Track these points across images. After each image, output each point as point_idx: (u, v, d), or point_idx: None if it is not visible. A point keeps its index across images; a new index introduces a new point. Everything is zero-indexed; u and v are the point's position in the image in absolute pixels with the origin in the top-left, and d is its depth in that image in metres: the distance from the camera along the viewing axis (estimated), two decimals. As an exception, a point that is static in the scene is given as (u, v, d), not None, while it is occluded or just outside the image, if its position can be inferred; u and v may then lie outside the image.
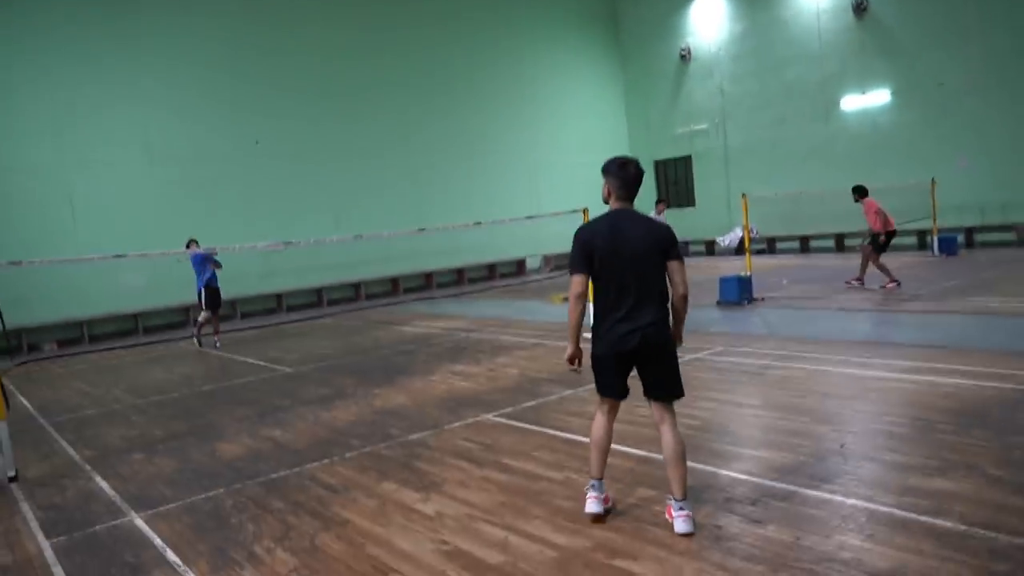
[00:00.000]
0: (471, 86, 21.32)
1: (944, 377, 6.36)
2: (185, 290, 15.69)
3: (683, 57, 23.38)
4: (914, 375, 6.55)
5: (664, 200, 18.05)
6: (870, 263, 12.30)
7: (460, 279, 20.63)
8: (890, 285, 11.91)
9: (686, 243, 22.66)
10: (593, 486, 4.07)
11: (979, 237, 17.73)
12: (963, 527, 3.59)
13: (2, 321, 12.84)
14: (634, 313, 3.87)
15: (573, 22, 24.08)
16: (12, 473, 5.84)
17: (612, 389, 4.04)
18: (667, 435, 3.92)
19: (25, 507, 5.23)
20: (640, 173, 4.02)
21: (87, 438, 7.14)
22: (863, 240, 13.09)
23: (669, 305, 3.99)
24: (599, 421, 4.12)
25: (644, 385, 3.99)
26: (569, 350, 4.04)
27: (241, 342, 13.10)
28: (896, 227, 12.44)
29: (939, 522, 3.67)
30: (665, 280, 3.94)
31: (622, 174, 3.97)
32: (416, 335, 12.01)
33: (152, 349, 13.44)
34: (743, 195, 12.52)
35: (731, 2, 22.08)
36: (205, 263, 12.18)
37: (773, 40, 21.20)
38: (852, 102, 19.70)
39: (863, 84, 19.40)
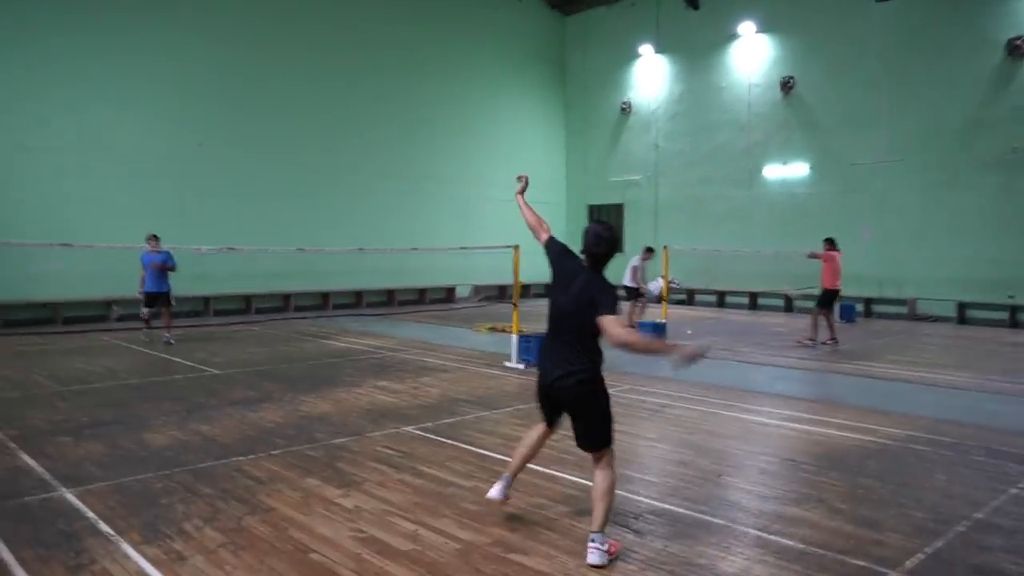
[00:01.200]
0: (417, 116, 21.85)
1: (817, 427, 7.19)
2: (109, 283, 15.61)
3: (623, 110, 24.62)
4: (792, 423, 7.37)
5: (651, 248, 15.97)
6: (821, 319, 13.24)
7: (391, 300, 20.99)
8: (829, 341, 12.96)
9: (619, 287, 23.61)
10: (503, 478, 4.58)
11: (877, 308, 19.20)
12: (802, 546, 4.29)
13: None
14: (555, 357, 4.18)
15: (521, 62, 25.05)
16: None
17: (541, 413, 4.46)
18: (594, 474, 4.16)
19: (-48, 477, 5.42)
20: (599, 237, 4.16)
21: (10, 419, 7.26)
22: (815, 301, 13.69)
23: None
24: (533, 431, 4.58)
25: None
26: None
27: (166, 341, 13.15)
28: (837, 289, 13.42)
29: (784, 541, 4.36)
30: (596, 338, 4.06)
31: (585, 236, 4.22)
32: (343, 349, 12.36)
33: (71, 339, 13.33)
34: (664, 247, 13.42)
35: (672, 64, 23.46)
36: (160, 268, 12.44)
37: (707, 105, 22.62)
38: (773, 171, 21.17)
39: (784, 155, 20.90)
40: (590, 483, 4.31)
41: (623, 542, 4.28)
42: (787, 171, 20.91)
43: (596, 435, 4.17)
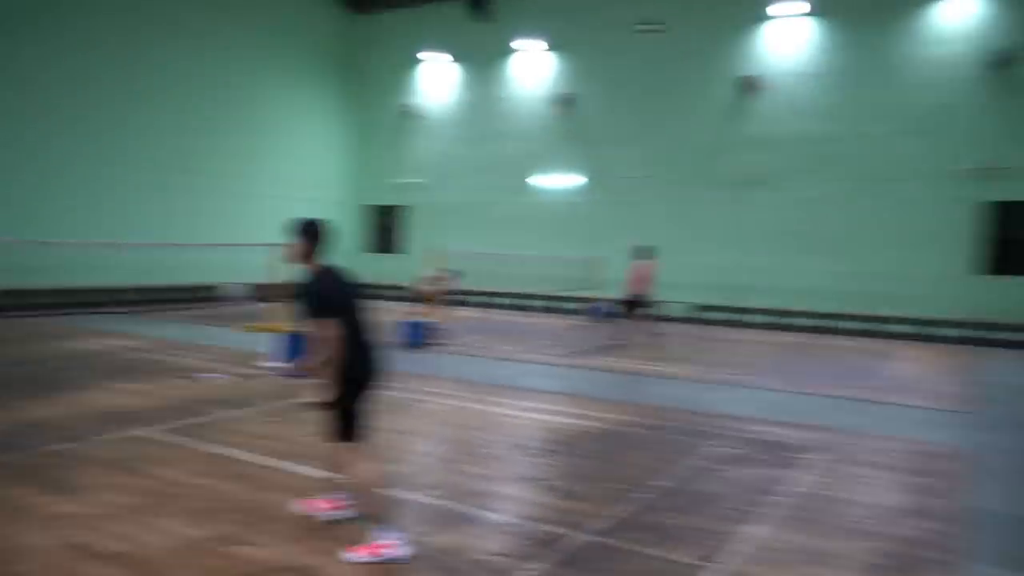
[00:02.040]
0: (193, 107, 20.65)
1: (551, 416, 7.93)
2: None
3: (409, 113, 24.94)
4: (530, 413, 8.06)
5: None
6: (632, 321, 14.07)
7: (147, 297, 19.52)
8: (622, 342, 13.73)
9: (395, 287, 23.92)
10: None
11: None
12: (516, 520, 4.80)
13: None
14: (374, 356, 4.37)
15: (308, 59, 24.50)
16: None
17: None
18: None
19: None
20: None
21: None
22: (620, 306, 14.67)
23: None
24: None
25: None
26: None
27: None
28: (639, 295, 14.18)
29: (497, 516, 4.85)
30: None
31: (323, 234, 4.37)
32: (87, 351, 11.42)
33: None
34: (433, 249, 13.87)
35: (458, 72, 24.20)
36: None
37: (490, 113, 23.64)
38: (550, 180, 22.60)
39: (560, 166, 22.40)
40: (329, 476, 4.51)
41: (344, 522, 4.52)
42: (562, 181, 22.41)
43: (339, 425, 4.39)
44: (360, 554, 4.10)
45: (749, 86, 19.30)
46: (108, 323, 15.25)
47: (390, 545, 4.12)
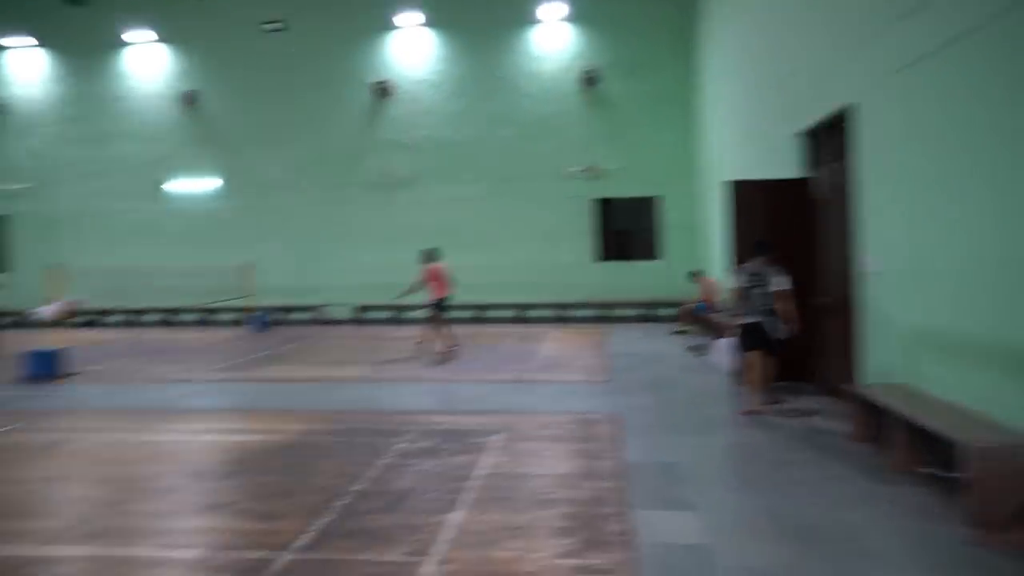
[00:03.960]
0: None
1: (225, 436, 7.42)
2: None
3: None
4: (199, 436, 7.47)
5: None
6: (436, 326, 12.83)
7: None
8: (445, 351, 12.69)
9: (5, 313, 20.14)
10: None
11: (295, 315, 20.54)
12: (208, 553, 4.41)
13: None
14: None
15: None
16: None
17: None
18: None
19: None
20: None
21: None
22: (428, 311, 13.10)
23: None
24: None
25: None
26: None
27: None
28: (442, 298, 12.91)
29: (186, 553, 4.42)
30: None
31: None
32: None
33: None
34: (52, 267, 12.01)
35: (55, 62, 21.07)
36: None
37: (103, 112, 21.01)
38: (184, 185, 20.84)
39: (194, 170, 20.77)
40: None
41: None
42: (198, 185, 20.82)
43: None
44: None
45: (382, 91, 19.98)
46: None
47: None
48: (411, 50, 20.08)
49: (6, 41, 21.00)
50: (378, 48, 20.14)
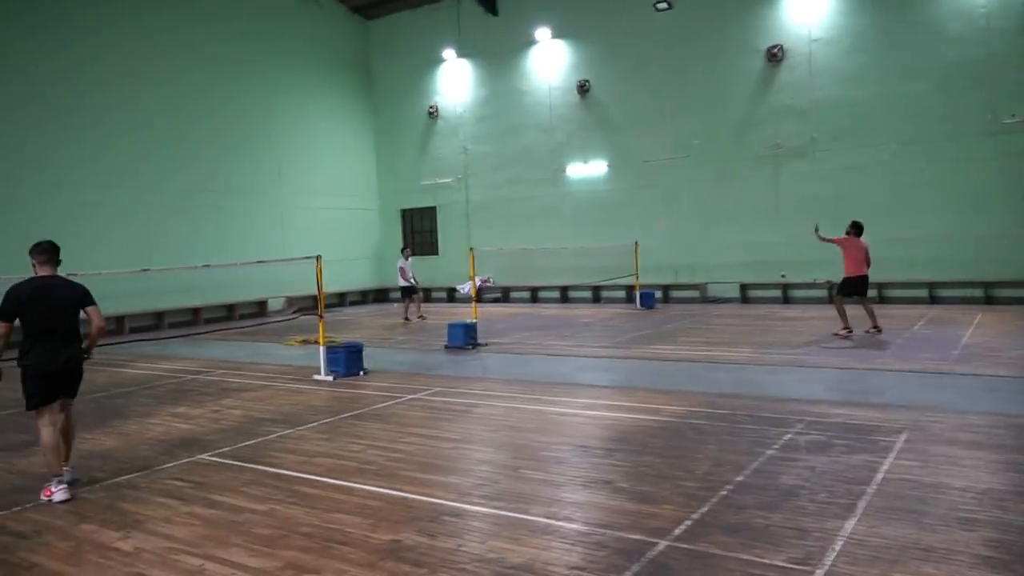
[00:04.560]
0: (218, 126, 20.80)
1: (607, 412, 7.67)
2: None
3: (431, 114, 24.81)
4: (586, 410, 7.81)
5: (408, 247, 18.95)
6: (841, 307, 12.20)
7: (196, 319, 19.76)
8: (842, 332, 11.94)
9: (429, 289, 23.88)
10: (60, 479, 5.54)
11: (676, 293, 20.74)
12: (586, 528, 4.55)
13: None
14: (60, 345, 5.63)
15: (326, 69, 24.54)
16: None
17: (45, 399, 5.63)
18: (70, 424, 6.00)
19: None
20: (49, 246, 5.77)
21: None
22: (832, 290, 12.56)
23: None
24: (48, 428, 5.62)
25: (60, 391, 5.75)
26: None
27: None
28: (856, 274, 12.07)
29: (569, 525, 4.61)
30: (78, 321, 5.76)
31: (39, 251, 5.74)
32: (138, 377, 11.49)
33: None
34: (471, 248, 13.68)
35: (475, 69, 23.97)
36: None
37: (511, 108, 23.35)
38: (576, 170, 22.24)
39: (585, 155, 22.02)
40: (390, 492, 4.31)
41: (418, 546, 4.34)
42: (588, 170, 22.05)
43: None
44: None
45: (773, 56, 18.71)
46: (155, 348, 15.38)
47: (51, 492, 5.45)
48: (806, 8, 18.53)
49: (439, 54, 24.46)
50: (772, 11, 18.98)
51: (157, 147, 19.22)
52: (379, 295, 25.63)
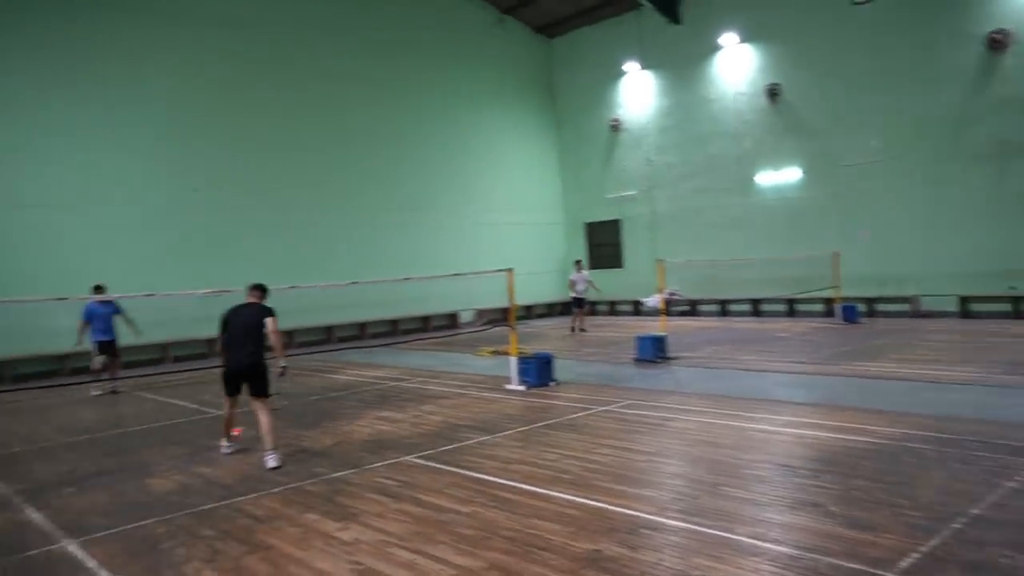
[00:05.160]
0: (409, 147, 22.16)
1: (811, 430, 7.21)
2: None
3: (614, 127, 24.80)
4: (787, 428, 7.38)
5: (579, 260, 19.52)
6: None
7: (394, 330, 21.09)
8: None
9: (612, 303, 23.84)
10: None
11: (881, 307, 19.15)
12: (796, 552, 4.31)
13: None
14: (242, 350, 7.33)
15: (511, 87, 25.34)
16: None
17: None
18: (261, 417, 7.19)
19: (-42, 534, 5.50)
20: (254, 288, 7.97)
21: (16, 473, 7.35)
22: None
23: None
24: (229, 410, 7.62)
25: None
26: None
27: (174, 386, 13.25)
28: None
29: (778, 548, 4.38)
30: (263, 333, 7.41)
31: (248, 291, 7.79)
32: (347, 382, 12.43)
33: (76, 391, 13.42)
34: (659, 261, 13.47)
35: (658, 79, 23.67)
36: (107, 316, 12.47)
37: (696, 117, 22.79)
38: (767, 178, 21.26)
39: (776, 162, 21.00)
40: (587, 501, 4.33)
41: (619, 557, 4.32)
42: (780, 177, 21.00)
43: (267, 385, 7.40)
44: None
45: (995, 43, 16.77)
46: (361, 356, 16.54)
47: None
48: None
49: (622, 67, 24.48)
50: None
51: (344, 165, 20.80)
52: (565, 308, 25.87)
